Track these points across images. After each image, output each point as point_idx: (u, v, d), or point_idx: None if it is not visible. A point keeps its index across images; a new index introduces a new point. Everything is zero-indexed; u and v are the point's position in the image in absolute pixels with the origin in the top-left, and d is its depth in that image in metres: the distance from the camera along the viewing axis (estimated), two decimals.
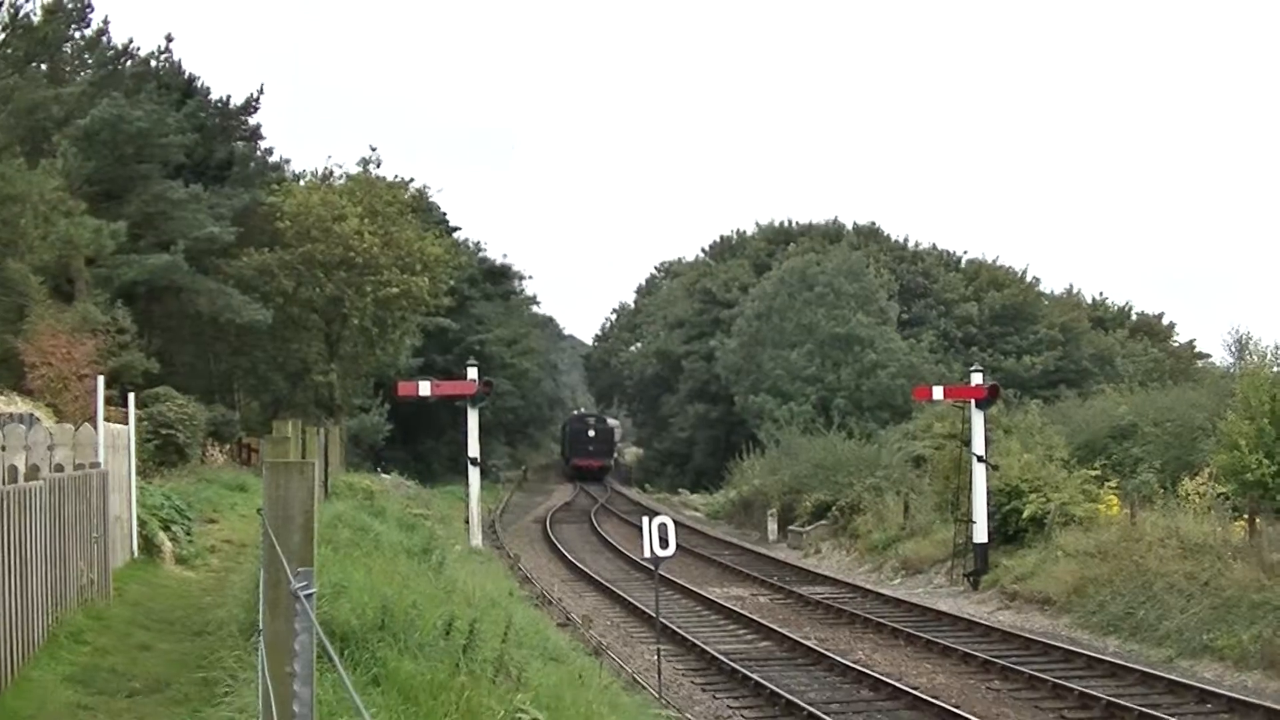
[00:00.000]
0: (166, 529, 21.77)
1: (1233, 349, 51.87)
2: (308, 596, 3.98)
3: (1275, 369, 34.23)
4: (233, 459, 41.85)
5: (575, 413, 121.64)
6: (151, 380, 36.97)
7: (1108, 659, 22.65)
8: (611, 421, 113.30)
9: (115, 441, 20.09)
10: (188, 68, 52.03)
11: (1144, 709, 18.48)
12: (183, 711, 10.81)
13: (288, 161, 58.33)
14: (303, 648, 4.08)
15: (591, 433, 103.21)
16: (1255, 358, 36.93)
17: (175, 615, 15.91)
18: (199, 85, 51.98)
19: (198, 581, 19.59)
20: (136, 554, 20.01)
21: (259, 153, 55.65)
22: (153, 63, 47.96)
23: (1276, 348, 35.34)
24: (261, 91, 56.66)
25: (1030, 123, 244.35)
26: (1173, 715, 18.41)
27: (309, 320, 53.50)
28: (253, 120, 54.50)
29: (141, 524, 20.60)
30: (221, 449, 41.16)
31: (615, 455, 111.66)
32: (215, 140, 51.50)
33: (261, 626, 5.02)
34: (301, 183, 54.84)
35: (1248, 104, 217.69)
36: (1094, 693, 19.71)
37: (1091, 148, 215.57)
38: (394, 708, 9.65)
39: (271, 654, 4.66)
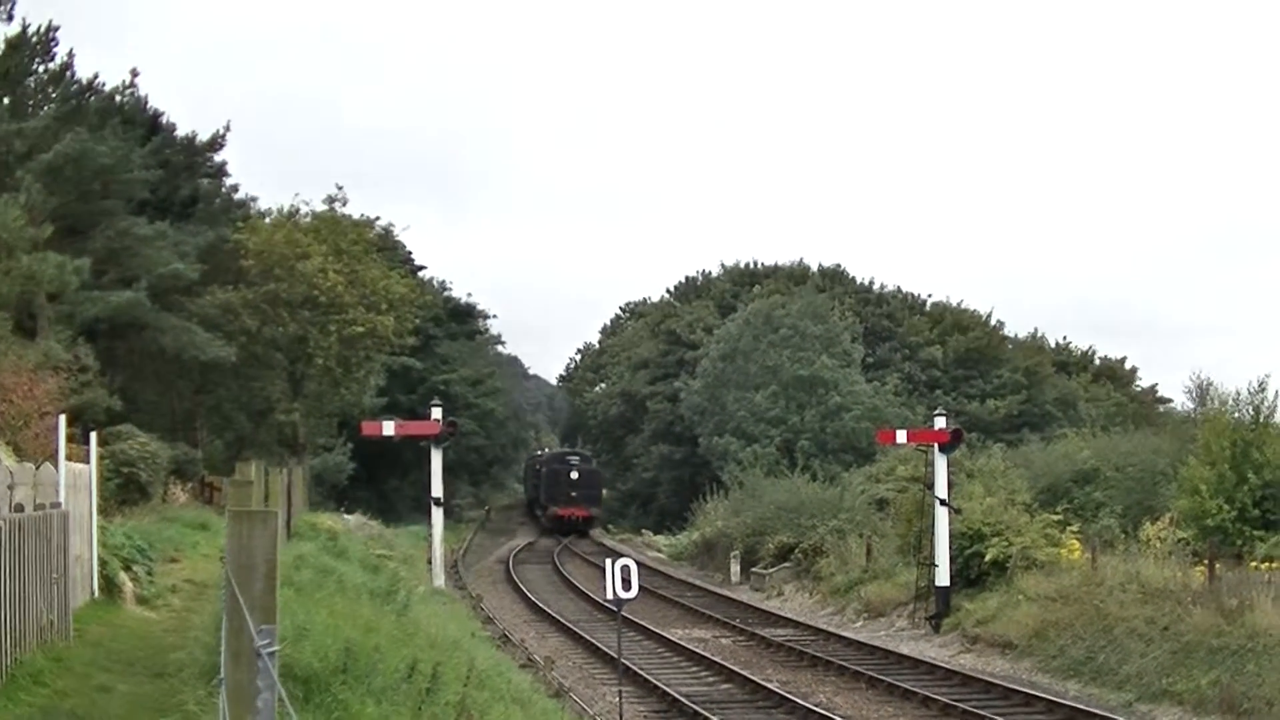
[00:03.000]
0: (128, 569, 21.60)
1: (1194, 395, 52.26)
2: (270, 654, 3.99)
3: (1236, 415, 34.48)
4: (195, 497, 41.59)
5: (543, 451, 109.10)
6: (114, 418, 36.78)
7: (1068, 703, 22.73)
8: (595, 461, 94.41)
9: (76, 481, 19.96)
10: (153, 104, 51.80)
11: None
12: None
13: (254, 199, 58.03)
14: (265, 705, 4.10)
15: (575, 475, 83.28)
16: (1216, 404, 37.17)
17: (136, 656, 15.79)
18: (164, 121, 51.72)
19: (159, 622, 19.45)
20: (97, 594, 19.85)
21: (224, 190, 55.46)
22: (118, 98, 47.68)
23: (1237, 394, 35.50)
24: (228, 128, 56.28)
25: (994, 169, 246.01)
26: None
27: (273, 359, 53.26)
28: (218, 157, 54.36)
29: (102, 564, 20.43)
30: (184, 487, 40.90)
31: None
32: (180, 177, 51.29)
33: (223, 675, 5.03)
34: (267, 220, 54.63)
35: (1210, 154, 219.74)
36: None
37: (1055, 196, 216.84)
38: None
39: (233, 703, 4.66)
